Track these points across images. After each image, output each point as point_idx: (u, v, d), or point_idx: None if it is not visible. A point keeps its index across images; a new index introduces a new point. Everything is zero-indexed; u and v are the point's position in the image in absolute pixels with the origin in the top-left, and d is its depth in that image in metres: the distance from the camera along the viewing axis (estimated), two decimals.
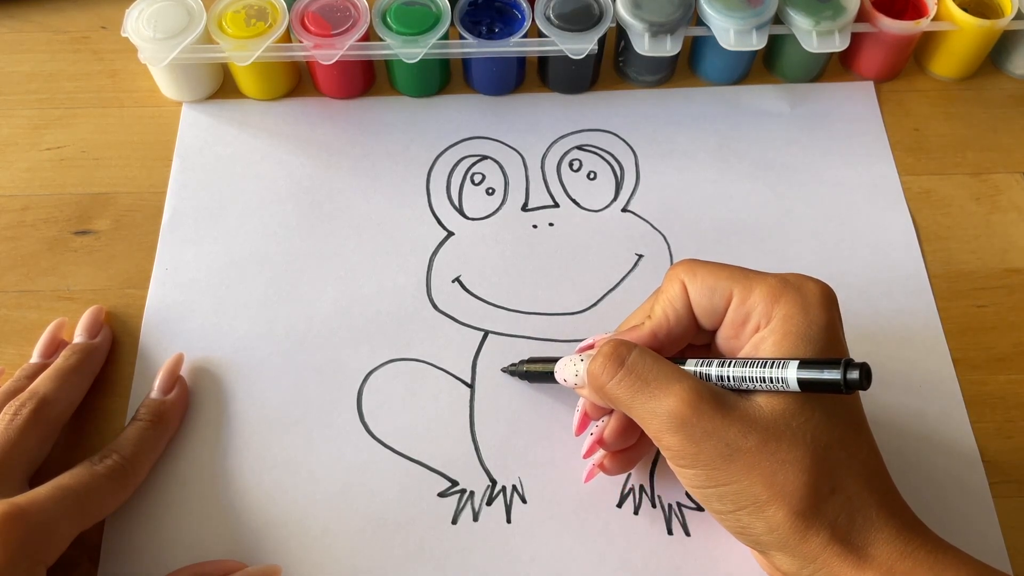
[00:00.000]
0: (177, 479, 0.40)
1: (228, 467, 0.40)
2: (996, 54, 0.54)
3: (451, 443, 0.41)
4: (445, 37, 0.48)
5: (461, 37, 0.49)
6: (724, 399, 0.32)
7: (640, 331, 0.35)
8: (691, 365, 0.33)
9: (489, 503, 0.40)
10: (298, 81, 0.53)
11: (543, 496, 0.40)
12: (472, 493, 0.40)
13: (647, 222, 0.48)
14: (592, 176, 0.49)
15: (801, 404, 0.31)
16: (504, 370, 0.43)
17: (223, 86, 0.53)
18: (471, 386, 0.43)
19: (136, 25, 0.48)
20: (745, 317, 0.33)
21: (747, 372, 0.32)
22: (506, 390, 0.43)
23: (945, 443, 0.41)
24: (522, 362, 0.42)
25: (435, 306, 0.45)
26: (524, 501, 0.40)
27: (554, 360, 0.38)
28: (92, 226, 0.48)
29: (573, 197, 0.49)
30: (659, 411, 0.32)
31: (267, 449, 0.41)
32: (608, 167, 0.50)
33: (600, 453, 0.38)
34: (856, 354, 0.42)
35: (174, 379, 0.41)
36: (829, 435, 0.31)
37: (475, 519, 0.40)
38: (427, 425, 0.42)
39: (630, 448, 0.38)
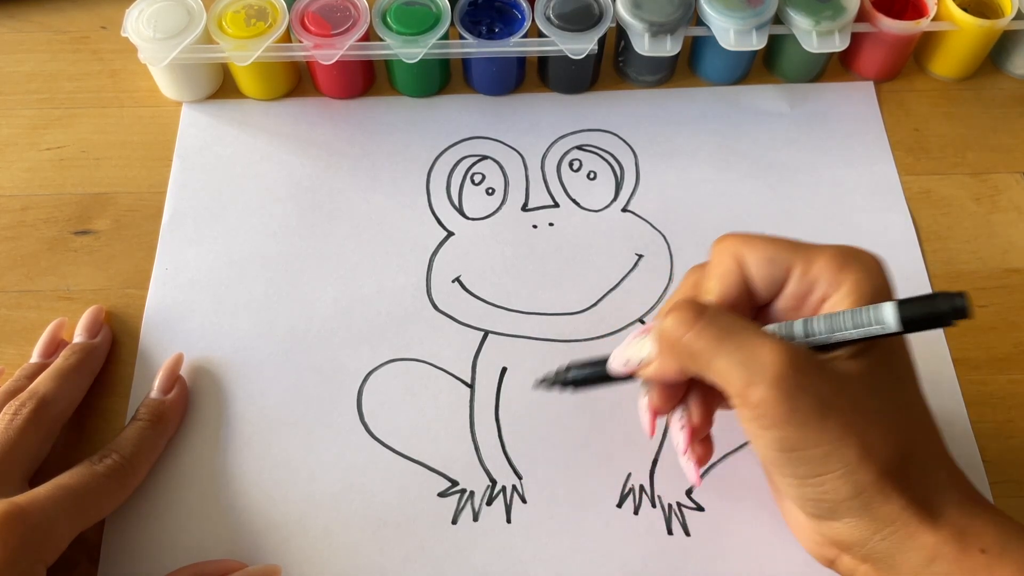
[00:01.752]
0: (177, 479, 0.40)
1: (228, 467, 0.40)
2: (996, 54, 0.54)
3: (451, 443, 0.41)
4: (445, 37, 0.48)
5: (461, 37, 0.49)
6: (813, 355, 0.31)
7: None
8: (770, 329, 0.32)
9: (489, 503, 0.40)
10: (298, 81, 0.53)
11: (543, 496, 0.40)
12: (472, 493, 0.40)
13: (647, 222, 0.48)
14: (592, 176, 0.49)
15: (878, 362, 0.31)
16: (539, 385, 0.39)
17: (223, 86, 0.53)
18: (471, 386, 0.43)
19: (136, 25, 0.48)
20: (809, 287, 0.32)
21: (835, 321, 0.30)
22: (506, 390, 0.43)
23: (943, 439, 0.41)
24: (561, 371, 0.37)
25: (435, 306, 0.45)
26: (524, 501, 0.40)
27: (600, 361, 0.36)
28: (92, 226, 0.48)
29: (573, 197, 0.49)
30: (751, 363, 0.30)
31: (267, 449, 0.41)
32: (608, 167, 0.50)
33: (683, 442, 0.36)
34: None
35: (174, 379, 0.41)
36: (903, 394, 0.31)
37: (475, 519, 0.40)
38: (427, 425, 0.42)
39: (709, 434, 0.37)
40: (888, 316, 0.30)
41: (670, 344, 0.32)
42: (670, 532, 0.39)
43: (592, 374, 0.37)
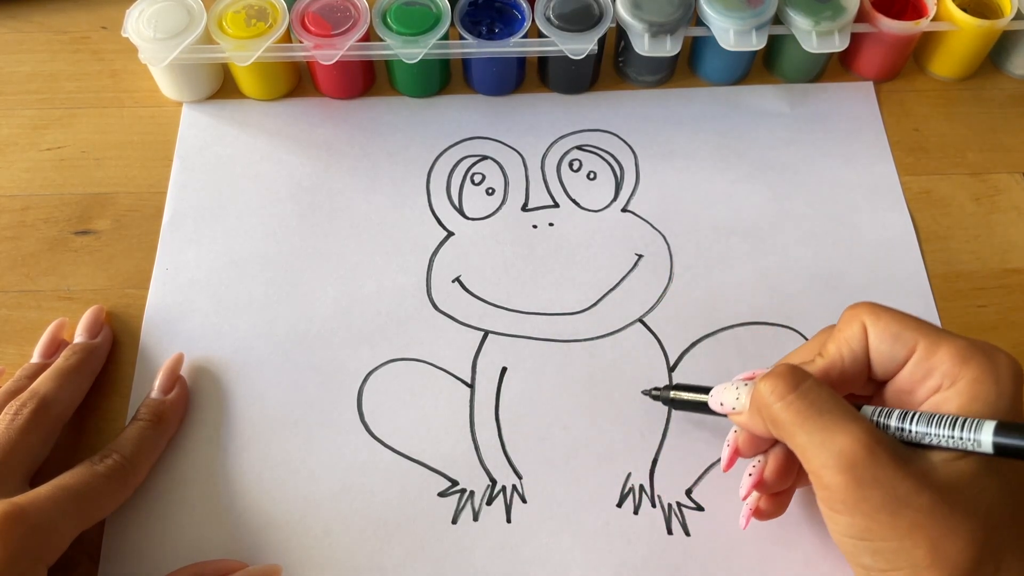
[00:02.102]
0: (177, 479, 0.40)
1: (228, 467, 0.41)
2: (996, 54, 0.54)
3: (451, 443, 0.41)
4: (445, 37, 0.48)
5: (461, 37, 0.49)
6: (900, 450, 0.30)
7: (812, 367, 0.33)
8: (868, 412, 0.32)
9: (489, 503, 0.40)
10: (298, 81, 0.53)
11: (543, 496, 0.40)
12: (472, 493, 0.40)
13: (647, 222, 0.48)
14: (592, 176, 0.49)
15: (980, 472, 0.30)
16: (645, 392, 0.41)
17: (223, 86, 0.53)
18: (471, 386, 0.43)
19: (136, 25, 0.48)
20: (927, 373, 0.32)
21: (932, 428, 0.30)
22: (506, 390, 0.43)
23: None
24: (667, 388, 0.40)
25: (435, 306, 0.45)
26: (524, 501, 0.40)
27: (705, 389, 0.37)
28: (92, 226, 0.48)
29: (573, 197, 0.49)
30: (829, 445, 0.30)
31: (267, 449, 0.41)
32: (608, 167, 0.50)
33: (755, 495, 0.36)
34: None
35: (174, 379, 0.41)
36: (1003, 511, 0.30)
37: (475, 519, 0.40)
38: (427, 425, 0.42)
39: (785, 491, 0.37)
40: (985, 438, 0.29)
41: (760, 407, 0.33)
42: (670, 532, 0.39)
43: (690, 400, 0.39)
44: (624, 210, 0.48)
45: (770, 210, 0.48)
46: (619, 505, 0.40)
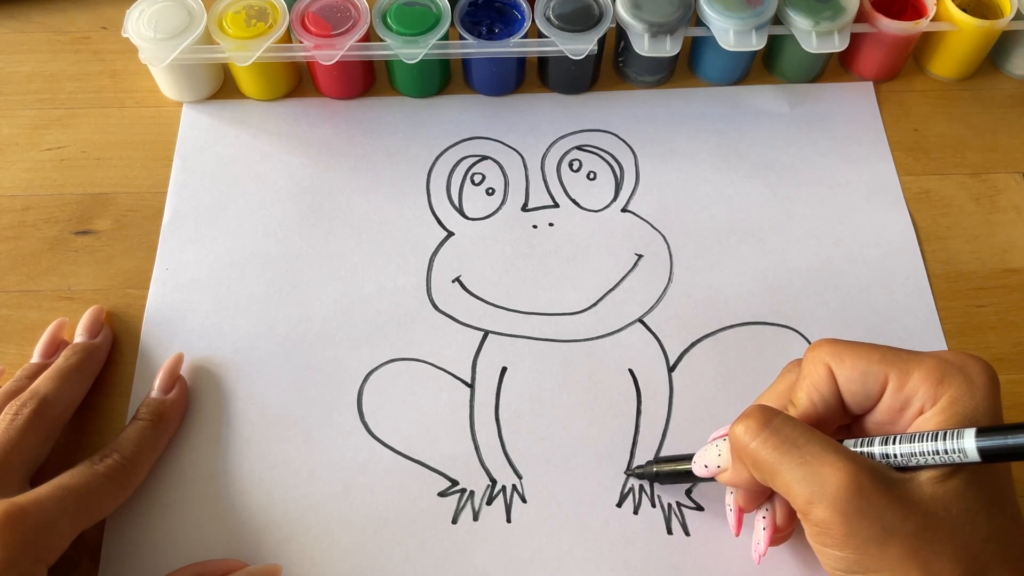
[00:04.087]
0: (178, 479, 0.40)
1: (228, 467, 0.41)
2: (995, 54, 0.54)
3: (451, 443, 0.41)
4: (445, 37, 0.48)
5: (461, 37, 0.49)
6: (885, 475, 0.30)
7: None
8: (850, 444, 0.32)
9: (489, 503, 0.40)
10: (298, 81, 0.53)
11: (543, 496, 0.40)
12: (472, 493, 0.40)
13: (647, 222, 0.48)
14: (592, 176, 0.49)
15: (963, 488, 0.30)
16: (629, 473, 0.40)
17: (223, 86, 0.53)
18: (471, 386, 0.43)
19: (137, 25, 0.48)
20: (905, 402, 0.32)
21: (916, 447, 0.30)
22: (506, 390, 0.43)
23: None
24: (649, 463, 0.40)
25: (435, 306, 0.45)
26: (524, 501, 0.40)
27: (685, 458, 0.37)
28: (93, 226, 0.48)
29: (573, 197, 0.49)
30: (812, 480, 0.30)
31: (267, 449, 0.41)
32: (608, 167, 0.50)
33: (765, 541, 0.36)
34: None
35: (174, 379, 0.41)
36: (988, 525, 0.30)
37: (475, 519, 0.40)
38: (427, 425, 0.42)
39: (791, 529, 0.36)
40: (968, 445, 0.29)
41: (738, 451, 0.33)
42: (670, 532, 0.39)
43: (674, 471, 0.39)
44: (624, 210, 0.48)
45: (770, 210, 0.48)
46: (619, 505, 0.40)
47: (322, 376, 0.43)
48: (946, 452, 0.29)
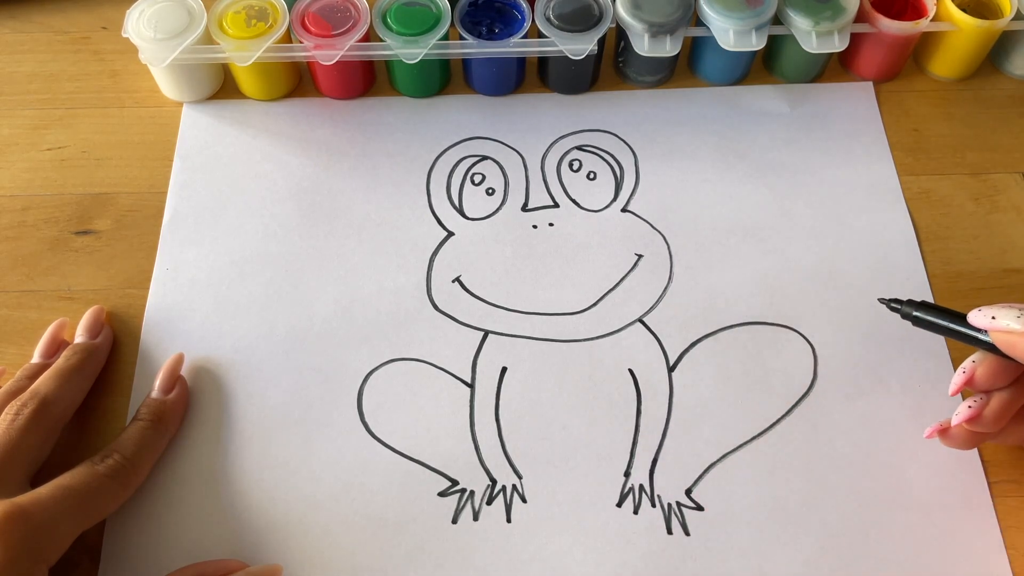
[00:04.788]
0: (177, 479, 0.40)
1: (228, 467, 0.41)
2: (995, 54, 0.54)
3: (451, 443, 0.41)
4: (445, 37, 0.48)
5: (461, 38, 0.49)
6: None
7: None
8: None
9: (489, 503, 0.40)
10: (298, 81, 0.53)
11: (543, 496, 0.40)
12: (472, 493, 0.40)
13: (647, 222, 0.48)
14: (592, 176, 0.49)
15: None
16: (882, 301, 0.39)
17: (224, 86, 0.53)
18: (471, 386, 0.43)
19: (137, 26, 0.48)
20: None
21: None
22: (506, 390, 0.43)
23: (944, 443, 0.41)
24: (911, 302, 0.38)
25: (435, 306, 0.45)
26: (524, 501, 0.40)
27: (956, 313, 0.36)
28: (93, 226, 0.48)
29: (573, 197, 0.49)
30: None
31: (267, 449, 0.41)
32: (608, 167, 0.50)
33: (962, 416, 0.36)
34: (855, 354, 0.43)
35: (174, 379, 0.41)
36: None
37: (475, 519, 0.40)
38: (427, 425, 0.42)
39: (981, 433, 0.37)
40: None
41: None
42: (670, 532, 0.39)
43: (941, 318, 0.37)
44: (624, 210, 0.48)
45: (770, 210, 0.48)
46: (619, 505, 0.40)
47: (322, 376, 0.43)
48: None
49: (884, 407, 0.42)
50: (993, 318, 0.34)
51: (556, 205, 0.48)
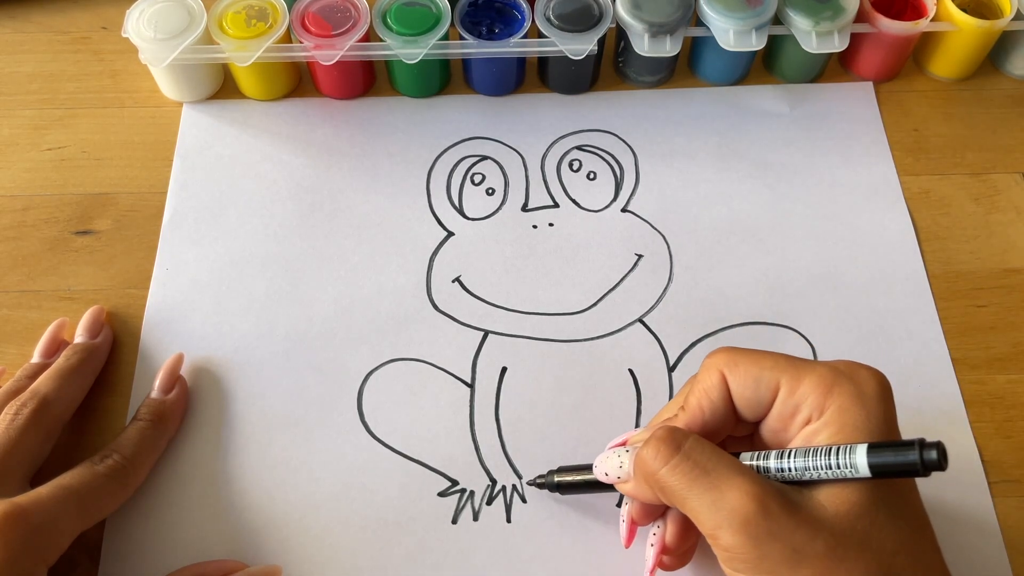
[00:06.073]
0: (178, 479, 0.40)
1: (228, 467, 0.41)
2: (995, 54, 0.54)
3: (451, 443, 0.41)
4: (445, 38, 0.48)
5: (461, 38, 0.49)
6: (789, 496, 0.30)
7: (675, 421, 0.33)
8: (746, 459, 0.32)
9: (489, 503, 0.40)
10: (298, 81, 0.53)
11: (543, 496, 0.40)
12: (472, 493, 0.40)
13: (647, 222, 0.48)
14: (592, 176, 0.49)
15: (866, 504, 0.30)
16: (531, 483, 0.40)
17: (224, 86, 0.53)
18: (471, 386, 0.43)
19: (137, 26, 0.48)
20: (794, 409, 0.32)
21: (810, 461, 0.30)
22: (506, 390, 0.43)
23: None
24: (551, 473, 0.39)
25: (435, 306, 0.45)
26: (524, 501, 0.40)
27: (586, 467, 0.37)
28: (93, 226, 0.48)
29: (573, 197, 0.49)
30: (720, 505, 0.30)
31: (267, 449, 0.41)
32: (608, 167, 0.50)
33: (655, 552, 0.35)
34: (855, 354, 0.42)
35: (174, 379, 0.41)
36: (895, 539, 0.30)
37: (475, 519, 0.40)
38: (427, 425, 0.42)
39: (692, 547, 0.36)
40: (860, 461, 0.29)
41: (645, 476, 0.32)
42: None
43: (574, 482, 0.38)
44: (624, 210, 0.48)
45: (770, 210, 0.48)
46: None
47: (322, 376, 0.43)
48: (838, 467, 0.29)
49: None
50: (606, 474, 0.35)
51: (556, 205, 0.48)
